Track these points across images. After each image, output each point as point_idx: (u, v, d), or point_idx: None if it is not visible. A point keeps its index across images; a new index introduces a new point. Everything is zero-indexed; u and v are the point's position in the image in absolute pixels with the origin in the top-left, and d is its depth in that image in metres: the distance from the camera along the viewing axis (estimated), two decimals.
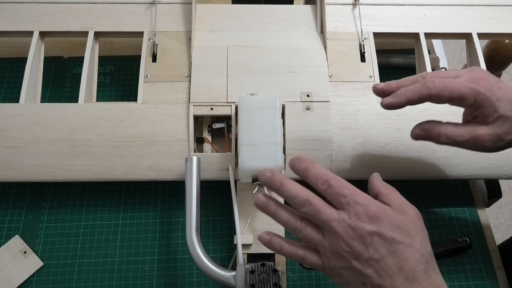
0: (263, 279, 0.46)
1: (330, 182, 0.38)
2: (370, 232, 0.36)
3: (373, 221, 0.36)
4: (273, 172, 0.40)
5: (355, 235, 0.36)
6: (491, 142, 0.41)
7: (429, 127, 0.43)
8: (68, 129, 0.54)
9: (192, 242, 0.48)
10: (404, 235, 0.37)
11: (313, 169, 0.39)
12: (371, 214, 0.36)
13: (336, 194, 0.38)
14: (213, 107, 0.55)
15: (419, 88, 0.42)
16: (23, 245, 0.55)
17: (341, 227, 0.36)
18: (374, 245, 0.36)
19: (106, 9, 0.61)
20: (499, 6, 0.62)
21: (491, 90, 0.41)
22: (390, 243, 0.36)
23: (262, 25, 0.61)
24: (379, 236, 0.36)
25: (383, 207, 0.38)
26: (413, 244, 0.37)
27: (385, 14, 0.62)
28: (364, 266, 0.36)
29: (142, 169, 0.53)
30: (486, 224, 0.58)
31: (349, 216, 0.37)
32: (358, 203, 0.37)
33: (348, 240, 0.36)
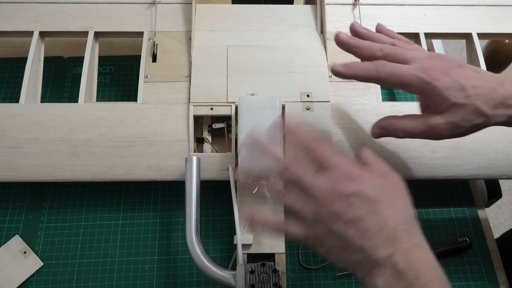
0: (263, 279, 0.46)
1: (311, 146, 0.38)
2: (349, 193, 0.36)
3: (353, 181, 0.36)
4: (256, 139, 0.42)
5: (335, 197, 0.36)
6: (448, 130, 0.41)
7: (385, 124, 0.43)
8: (68, 129, 0.54)
9: (192, 242, 0.48)
10: (385, 196, 0.36)
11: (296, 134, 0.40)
12: (351, 174, 0.37)
13: (317, 158, 0.38)
14: (213, 107, 0.55)
15: (369, 68, 0.42)
16: (23, 245, 0.55)
17: (322, 191, 0.36)
18: (354, 204, 0.36)
19: (106, 9, 0.61)
20: (499, 6, 0.62)
21: (439, 79, 0.40)
22: (370, 202, 0.36)
23: (262, 25, 0.61)
24: (359, 196, 0.36)
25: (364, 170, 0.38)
26: (395, 204, 0.36)
27: (385, 14, 0.62)
28: (345, 227, 0.35)
29: (142, 169, 0.53)
30: (486, 224, 0.58)
31: (329, 179, 0.37)
32: (338, 165, 0.37)
33: (328, 203, 0.36)
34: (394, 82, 0.41)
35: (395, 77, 0.41)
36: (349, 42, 0.45)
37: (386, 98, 0.65)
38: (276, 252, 0.50)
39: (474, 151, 0.54)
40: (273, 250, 0.50)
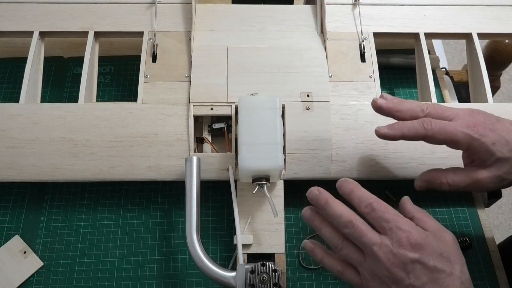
0: (263, 279, 0.46)
1: (373, 205, 0.39)
2: (412, 260, 0.36)
3: (415, 249, 0.37)
4: (320, 191, 0.41)
5: (397, 262, 0.37)
6: (493, 183, 0.42)
7: (430, 178, 0.45)
8: (68, 129, 0.54)
9: (192, 242, 0.48)
10: (445, 263, 0.37)
11: (358, 192, 0.40)
12: (413, 241, 0.37)
13: (379, 218, 0.38)
14: (213, 107, 0.55)
15: (416, 126, 0.43)
16: (23, 245, 0.55)
17: (383, 252, 0.37)
18: (416, 272, 0.36)
19: (106, 9, 0.61)
20: (499, 6, 0.62)
21: (486, 135, 0.42)
22: (431, 272, 0.36)
23: (262, 25, 0.61)
24: (420, 264, 0.36)
25: (425, 234, 0.38)
26: (453, 272, 0.37)
27: (385, 14, 0.62)
28: None
29: (142, 169, 0.53)
30: (486, 224, 0.58)
31: (391, 242, 0.37)
32: (400, 229, 0.37)
33: (389, 266, 0.37)
34: (442, 139, 0.42)
35: (444, 134, 0.42)
36: (389, 107, 0.45)
37: None
38: (276, 252, 0.50)
39: None
40: (273, 250, 0.50)
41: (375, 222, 0.38)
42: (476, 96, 0.61)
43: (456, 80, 0.71)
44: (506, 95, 1.63)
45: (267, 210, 0.51)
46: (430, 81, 0.58)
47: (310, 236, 0.56)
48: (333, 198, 0.41)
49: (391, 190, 0.59)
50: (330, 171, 0.54)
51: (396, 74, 0.67)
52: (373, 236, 0.38)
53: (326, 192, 0.41)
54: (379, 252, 0.37)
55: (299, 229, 0.56)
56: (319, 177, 0.54)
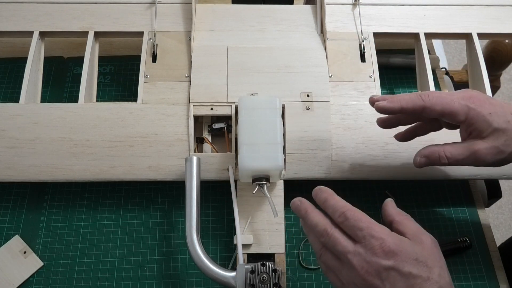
0: (263, 279, 0.46)
1: (346, 214, 0.38)
2: (385, 267, 0.36)
3: (389, 256, 0.36)
4: (302, 201, 0.42)
5: (371, 270, 0.37)
6: (491, 155, 0.42)
7: (428, 153, 0.44)
8: (68, 129, 0.54)
9: (192, 242, 0.48)
10: (422, 268, 0.37)
11: (331, 201, 0.40)
12: (386, 248, 0.37)
13: (352, 227, 0.38)
14: (213, 107, 0.55)
15: (414, 98, 0.43)
16: (23, 245, 0.55)
17: (357, 260, 0.37)
18: (390, 279, 0.36)
19: (106, 9, 0.61)
20: (499, 6, 0.62)
21: (482, 105, 0.42)
22: (407, 278, 0.36)
23: (262, 25, 0.61)
24: (395, 271, 0.36)
25: (399, 240, 0.38)
26: (430, 276, 0.37)
27: (385, 14, 0.62)
28: None
29: (142, 169, 0.53)
30: (486, 224, 0.58)
31: (364, 250, 0.37)
32: (374, 237, 0.37)
33: (363, 274, 0.37)
34: (439, 110, 0.43)
35: (441, 105, 0.43)
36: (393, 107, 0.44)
37: None
38: (276, 252, 0.50)
39: None
40: (273, 250, 0.50)
41: (349, 230, 0.38)
42: None
43: (456, 80, 0.71)
44: (506, 95, 1.63)
45: (267, 210, 0.51)
46: (430, 81, 0.58)
47: None
48: (313, 208, 0.41)
49: (391, 190, 0.59)
50: (330, 171, 0.54)
51: (396, 74, 0.67)
52: (347, 244, 0.38)
53: (307, 202, 0.42)
54: (353, 260, 0.37)
55: (299, 229, 0.56)
56: (319, 177, 0.54)
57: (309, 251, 0.55)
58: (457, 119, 0.43)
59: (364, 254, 0.37)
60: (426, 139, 0.49)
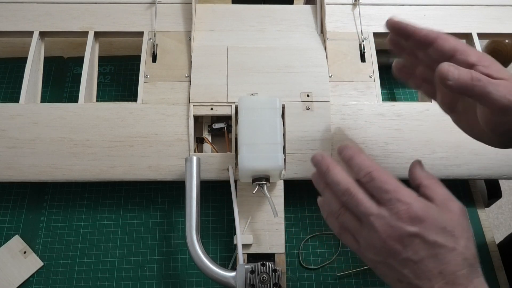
0: (263, 279, 0.46)
1: (373, 174, 0.37)
2: (410, 234, 0.35)
3: (414, 222, 0.35)
4: (324, 156, 0.40)
5: (394, 234, 0.35)
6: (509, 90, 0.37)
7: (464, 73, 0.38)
8: (68, 129, 0.54)
9: (192, 242, 0.48)
10: (448, 238, 0.35)
11: (357, 159, 0.38)
12: (413, 214, 0.35)
13: (378, 189, 0.36)
14: (213, 107, 0.55)
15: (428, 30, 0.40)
16: (23, 245, 0.55)
17: (380, 224, 0.35)
18: (414, 246, 0.35)
19: (106, 9, 0.61)
20: (499, 6, 0.62)
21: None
22: (431, 246, 0.35)
23: (262, 25, 0.61)
24: (420, 238, 0.35)
25: (426, 206, 0.36)
26: (456, 247, 0.35)
27: (385, 14, 0.62)
28: (401, 266, 0.35)
29: (142, 169, 0.53)
30: (486, 224, 0.58)
31: (389, 214, 0.35)
32: (400, 201, 0.35)
33: (385, 238, 0.35)
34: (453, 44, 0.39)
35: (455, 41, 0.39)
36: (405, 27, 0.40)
37: (386, 98, 0.65)
38: (276, 252, 0.50)
39: (474, 151, 0.54)
40: (273, 250, 0.50)
41: (374, 192, 0.36)
42: None
43: None
44: None
45: (267, 210, 0.51)
46: None
47: (308, 238, 0.56)
48: (335, 164, 0.39)
49: None
50: None
51: None
52: (370, 206, 0.36)
53: (329, 158, 0.40)
54: (375, 223, 0.35)
55: (299, 229, 0.56)
56: None
57: (309, 251, 0.55)
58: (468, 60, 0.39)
59: (389, 217, 0.35)
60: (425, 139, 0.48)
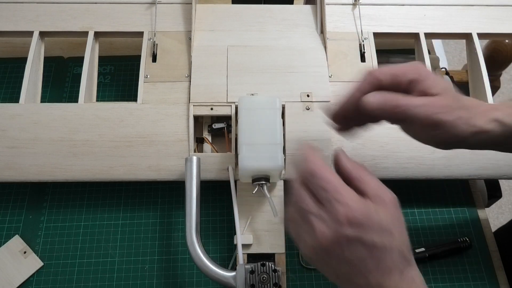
0: (263, 279, 0.46)
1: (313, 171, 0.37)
2: (349, 238, 0.35)
3: (353, 226, 0.34)
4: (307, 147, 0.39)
5: (332, 237, 0.35)
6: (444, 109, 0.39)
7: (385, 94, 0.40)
8: (68, 129, 0.54)
9: (192, 242, 0.48)
10: (385, 237, 0.35)
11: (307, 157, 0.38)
12: (352, 217, 0.35)
13: (318, 186, 0.36)
14: (213, 107, 0.55)
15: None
16: (23, 245, 0.55)
17: (318, 225, 0.35)
18: (352, 249, 0.35)
19: (106, 9, 0.61)
20: (499, 6, 0.62)
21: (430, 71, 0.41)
22: (370, 248, 0.35)
23: (262, 25, 0.61)
24: (359, 241, 0.35)
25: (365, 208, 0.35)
26: (392, 243, 0.35)
27: (385, 14, 0.62)
28: (338, 265, 0.36)
29: (142, 169, 0.53)
30: (486, 224, 0.58)
31: (328, 216, 0.35)
32: (339, 202, 0.35)
33: (323, 240, 0.35)
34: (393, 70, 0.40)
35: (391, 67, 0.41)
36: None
37: None
38: (276, 252, 0.50)
39: (474, 151, 0.54)
40: (273, 250, 0.50)
41: (315, 189, 0.36)
42: (476, 96, 0.61)
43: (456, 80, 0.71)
44: (506, 95, 1.63)
45: (267, 210, 0.51)
46: None
47: None
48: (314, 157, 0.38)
49: (391, 190, 0.59)
50: None
51: None
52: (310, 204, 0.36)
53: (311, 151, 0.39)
54: (314, 223, 0.35)
55: None
56: None
57: None
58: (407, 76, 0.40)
59: (328, 220, 0.35)
60: None
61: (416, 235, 0.57)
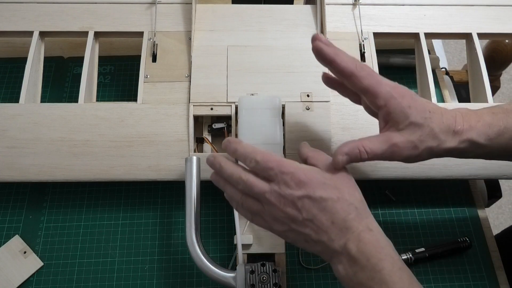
0: (263, 279, 0.46)
1: (256, 158, 0.41)
2: (299, 197, 0.39)
3: (300, 186, 0.39)
4: (215, 156, 0.45)
5: (287, 202, 0.40)
6: (407, 150, 0.41)
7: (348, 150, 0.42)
8: (68, 129, 0.54)
9: (192, 242, 0.48)
10: (331, 190, 0.40)
11: (240, 149, 0.43)
12: (297, 180, 0.39)
13: (264, 169, 0.41)
14: (213, 107, 0.55)
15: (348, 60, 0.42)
16: (23, 245, 0.55)
17: (274, 197, 0.40)
18: (305, 207, 0.39)
19: (106, 9, 0.61)
20: (499, 6, 0.62)
21: (404, 97, 0.42)
22: (318, 202, 0.39)
23: (262, 25, 0.61)
24: (308, 198, 0.39)
25: (308, 170, 0.41)
26: (340, 196, 0.40)
27: (385, 14, 0.62)
28: (302, 227, 0.40)
29: (142, 169, 0.53)
30: (486, 224, 0.58)
31: (278, 186, 0.40)
32: (284, 173, 0.40)
33: (282, 208, 0.40)
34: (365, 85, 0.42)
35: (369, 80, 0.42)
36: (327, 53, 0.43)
37: None
38: (276, 252, 0.50)
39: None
40: (273, 250, 0.50)
41: (262, 173, 0.41)
42: (476, 96, 0.61)
43: (456, 80, 0.71)
44: (506, 95, 1.63)
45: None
46: (430, 81, 0.58)
47: None
48: (226, 160, 0.44)
49: (391, 190, 0.59)
50: None
51: (396, 74, 0.67)
52: (262, 185, 0.41)
53: (220, 156, 0.44)
54: (271, 198, 0.40)
55: None
56: None
57: None
58: (376, 102, 0.42)
59: (279, 189, 0.40)
60: None
61: (416, 235, 0.57)
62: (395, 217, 0.58)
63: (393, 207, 0.58)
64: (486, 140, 0.42)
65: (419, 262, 0.54)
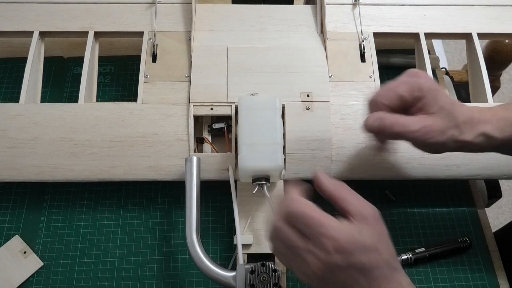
0: (263, 279, 0.46)
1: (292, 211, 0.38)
2: (339, 265, 0.37)
3: (341, 254, 0.36)
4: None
5: (324, 267, 0.37)
6: (437, 133, 0.42)
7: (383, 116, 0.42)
8: (68, 129, 0.54)
9: (192, 242, 0.48)
10: (373, 255, 0.37)
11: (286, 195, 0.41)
12: (340, 248, 0.36)
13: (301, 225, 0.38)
14: (213, 107, 0.55)
15: None
16: (23, 245, 0.55)
17: (309, 257, 0.37)
18: (344, 273, 0.37)
19: (106, 9, 0.61)
20: (499, 6, 0.62)
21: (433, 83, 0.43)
22: (359, 269, 0.37)
23: (262, 25, 0.61)
24: (349, 265, 0.37)
25: (350, 235, 0.37)
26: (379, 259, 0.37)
27: (385, 14, 0.62)
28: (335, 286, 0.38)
29: (142, 169, 0.53)
30: (486, 224, 0.58)
31: (317, 249, 0.37)
32: (324, 236, 0.37)
33: (316, 270, 0.37)
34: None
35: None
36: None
37: None
38: None
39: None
40: None
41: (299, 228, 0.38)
42: (476, 96, 0.61)
43: (456, 80, 0.71)
44: (506, 95, 1.63)
45: (267, 210, 0.51)
46: None
47: None
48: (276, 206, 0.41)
49: (391, 190, 0.59)
50: (330, 171, 0.54)
51: (396, 74, 0.66)
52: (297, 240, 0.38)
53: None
54: (305, 256, 0.37)
55: None
56: None
57: None
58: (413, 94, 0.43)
59: (317, 252, 0.37)
60: None
61: (416, 235, 0.57)
62: (395, 217, 0.58)
63: (393, 207, 0.58)
64: (500, 134, 0.42)
65: (419, 262, 0.54)
